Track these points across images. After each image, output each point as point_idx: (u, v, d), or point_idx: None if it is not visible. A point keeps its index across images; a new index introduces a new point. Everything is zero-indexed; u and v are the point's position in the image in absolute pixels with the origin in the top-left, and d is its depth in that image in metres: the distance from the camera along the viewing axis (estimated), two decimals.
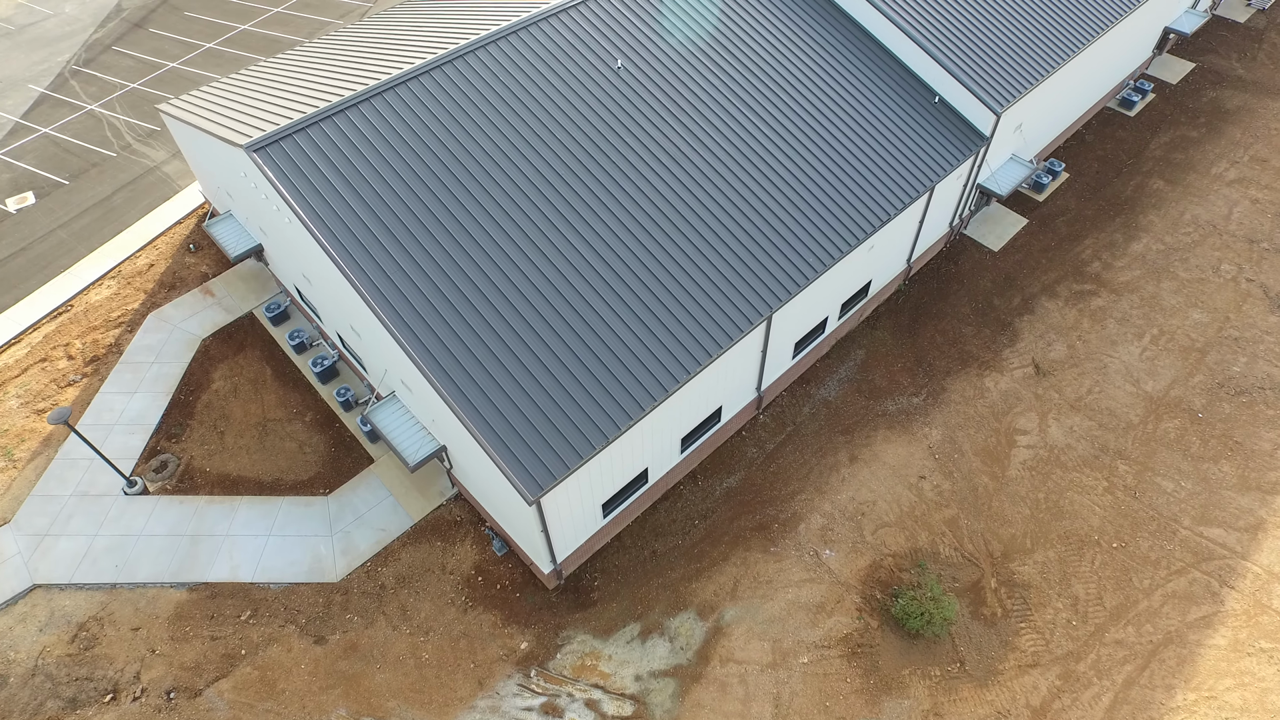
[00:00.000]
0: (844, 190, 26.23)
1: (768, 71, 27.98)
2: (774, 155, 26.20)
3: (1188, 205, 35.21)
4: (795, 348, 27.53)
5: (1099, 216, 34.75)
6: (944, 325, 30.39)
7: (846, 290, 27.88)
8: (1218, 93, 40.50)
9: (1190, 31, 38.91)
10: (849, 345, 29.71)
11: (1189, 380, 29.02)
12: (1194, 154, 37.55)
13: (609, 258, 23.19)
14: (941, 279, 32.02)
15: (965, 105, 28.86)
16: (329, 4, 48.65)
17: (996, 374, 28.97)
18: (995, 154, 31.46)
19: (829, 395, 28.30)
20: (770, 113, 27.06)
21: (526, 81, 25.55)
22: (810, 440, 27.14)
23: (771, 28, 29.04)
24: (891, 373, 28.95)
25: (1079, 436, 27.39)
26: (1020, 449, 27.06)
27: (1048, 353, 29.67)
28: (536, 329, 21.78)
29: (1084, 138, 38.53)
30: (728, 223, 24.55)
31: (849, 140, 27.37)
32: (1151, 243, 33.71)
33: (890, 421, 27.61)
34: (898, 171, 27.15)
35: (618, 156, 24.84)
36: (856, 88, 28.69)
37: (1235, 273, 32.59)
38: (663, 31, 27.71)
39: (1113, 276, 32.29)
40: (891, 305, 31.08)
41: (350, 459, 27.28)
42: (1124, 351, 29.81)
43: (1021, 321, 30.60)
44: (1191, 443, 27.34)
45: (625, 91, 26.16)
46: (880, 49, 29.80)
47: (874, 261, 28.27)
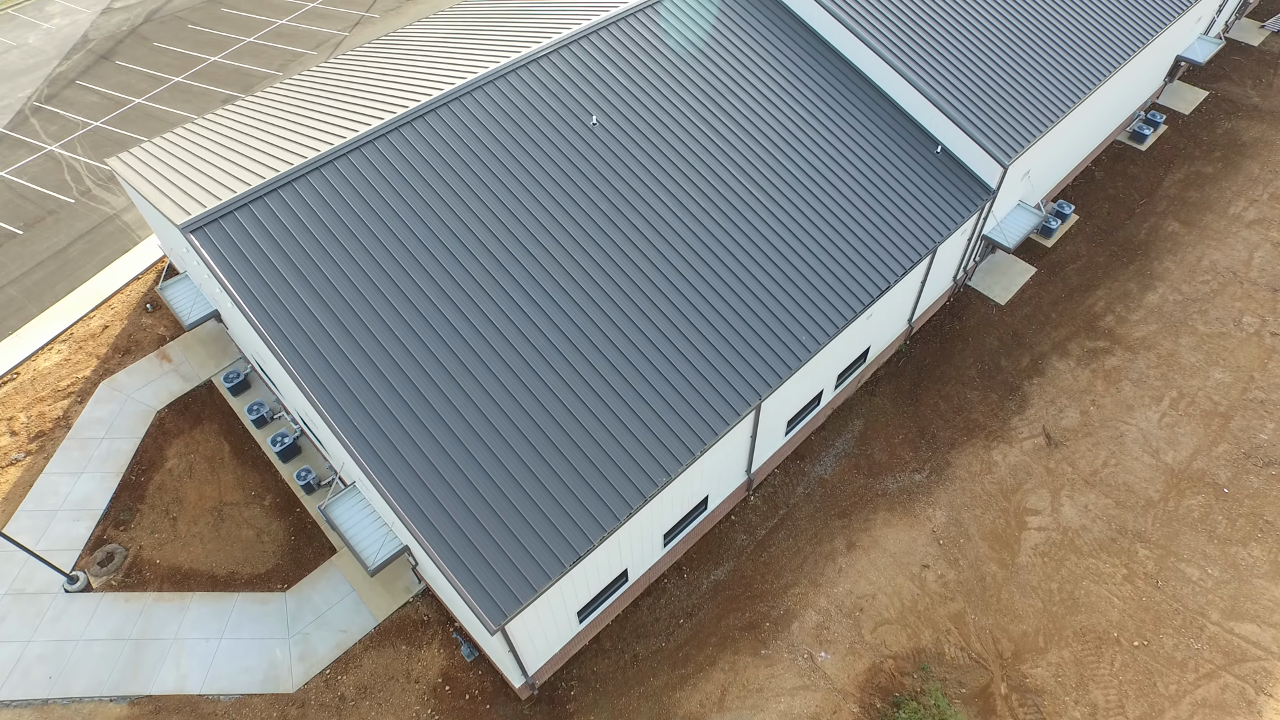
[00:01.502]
0: (840, 256, 24.28)
1: (756, 124, 25.97)
2: (763, 219, 24.25)
3: (1205, 250, 33.26)
4: (788, 425, 25.72)
5: (1111, 264, 32.80)
6: (948, 390, 28.48)
7: (843, 361, 25.94)
8: (1233, 123, 38.48)
9: (1204, 60, 36.92)
10: (846, 415, 27.81)
11: (1212, 450, 27.11)
12: (1210, 192, 35.57)
13: (581, 344, 21.25)
14: (945, 337, 30.08)
15: (970, 156, 26.87)
16: (303, 34, 46.70)
17: (1005, 445, 27.06)
18: (1001, 203, 29.57)
19: (825, 472, 26.39)
20: (759, 171, 25.10)
21: (492, 143, 23.58)
22: (805, 525, 25.25)
23: (760, 74, 27.01)
24: (892, 445, 27.05)
25: (1095, 516, 25.50)
26: (1031, 531, 25.17)
27: (1059, 420, 27.77)
28: (500, 429, 19.86)
29: (1094, 175, 36.54)
30: (713, 299, 22.61)
31: (846, 199, 25.39)
32: (1168, 292, 31.76)
33: (891, 502, 25.72)
34: (897, 232, 25.16)
35: (592, 226, 22.92)
36: (854, 139, 26.66)
37: (1258, 326, 30.64)
38: (643, 83, 25.77)
39: (1127, 332, 30.35)
40: (892, 368, 29.17)
41: (311, 549, 25.41)
42: (1141, 418, 27.90)
43: (1031, 385, 28.68)
44: (1218, 523, 25.44)
45: (601, 151, 24.19)
46: (878, 94, 27.77)
47: (873, 328, 26.41)
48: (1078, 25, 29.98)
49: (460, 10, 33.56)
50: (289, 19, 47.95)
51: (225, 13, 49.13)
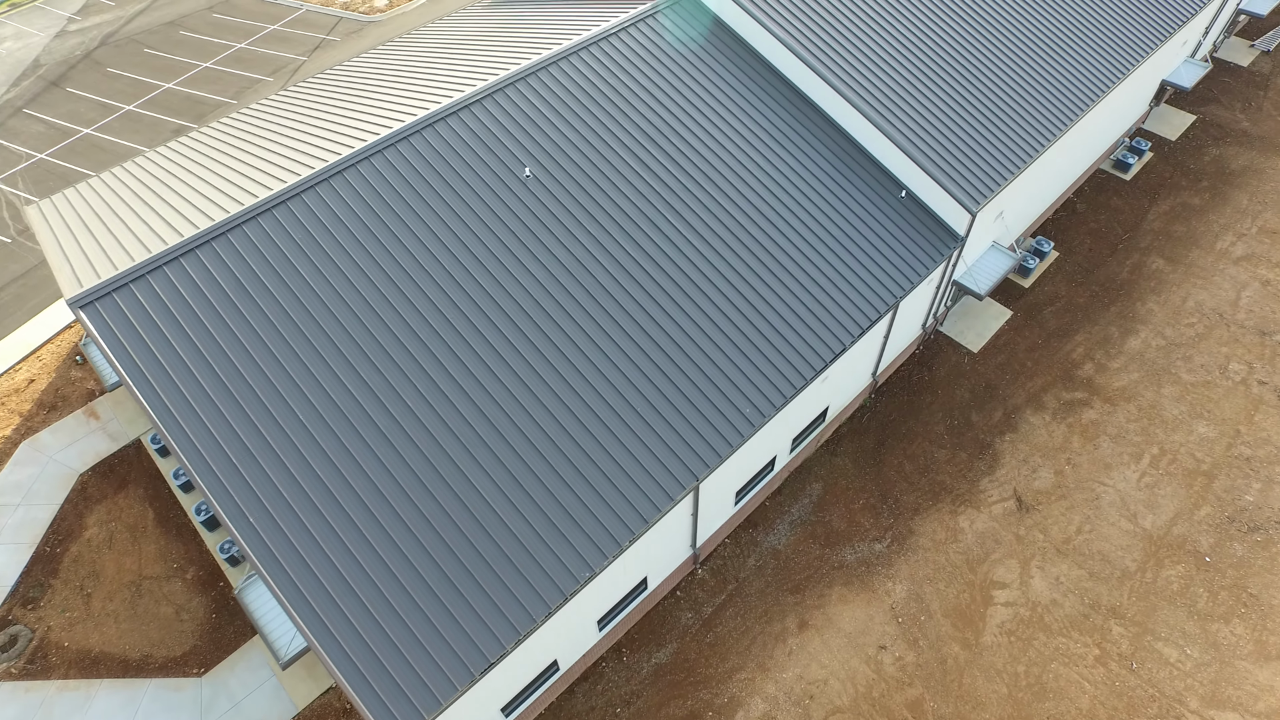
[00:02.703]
0: (791, 317, 22.59)
1: (704, 170, 24.28)
2: (708, 277, 22.60)
3: (1191, 289, 31.56)
4: (736, 495, 24.18)
5: (1092, 305, 31.12)
6: (914, 448, 26.87)
7: (797, 425, 24.43)
8: (1221, 150, 36.73)
9: (1190, 85, 35.18)
10: (804, 477, 26.21)
11: (1194, 514, 25.48)
12: (1196, 225, 33.87)
13: (500, 424, 19.59)
14: (913, 389, 28.47)
15: (936, 201, 25.22)
16: (261, 59, 45.21)
17: (973, 510, 25.46)
18: (974, 246, 27.93)
19: (778, 542, 24.82)
20: (706, 222, 23.50)
21: (415, 199, 21.91)
22: (754, 601, 23.70)
23: (715, 116, 25.21)
24: (851, 511, 25.47)
25: (1066, 590, 23.90)
26: (998, 607, 23.58)
27: (1032, 481, 26.14)
28: (408, 521, 18.24)
29: (1075, 207, 34.84)
30: (649, 370, 20.94)
31: (800, 252, 23.71)
32: (1151, 337, 30.09)
33: (848, 575, 24.14)
34: (855, 288, 23.48)
35: (519, 292, 21.29)
36: (813, 186, 24.95)
37: (1245, 373, 28.97)
38: (584, 129, 24.11)
39: (1107, 381, 28.71)
40: (855, 424, 27.55)
41: (233, 628, 23.89)
42: (1119, 477, 26.26)
43: (1003, 442, 27.05)
44: (1198, 596, 23.83)
45: (534, 206, 22.63)
46: (841, 136, 26.01)
47: (831, 388, 24.83)
48: (1049, 62, 28.24)
49: (412, 39, 32.05)
50: (248, 42, 46.49)
51: (183, 36, 47.68)
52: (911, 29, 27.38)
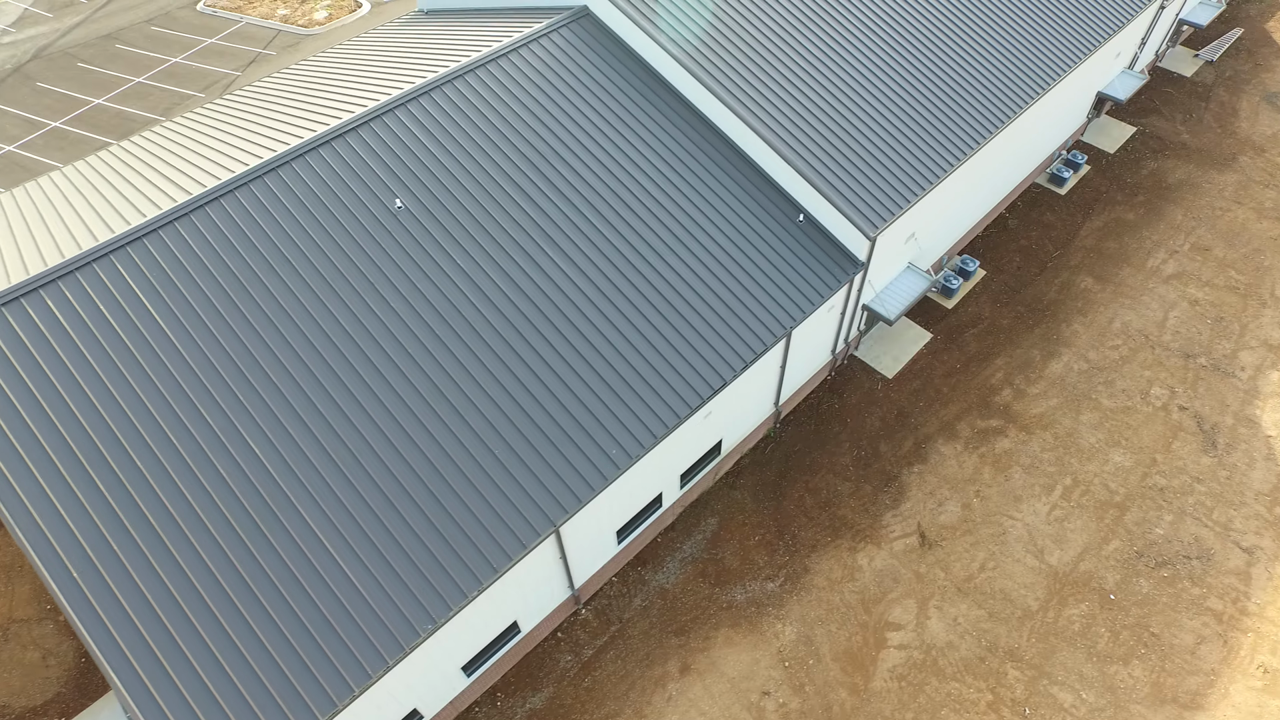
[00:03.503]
0: (670, 350, 21.50)
1: (589, 198, 23.22)
2: (582, 311, 21.53)
3: (1118, 309, 30.58)
4: (619, 534, 23.32)
5: (1016, 327, 30.17)
6: (817, 481, 25.96)
7: (684, 461, 23.58)
8: (1159, 163, 35.71)
9: (1125, 98, 34.19)
10: (700, 511, 25.32)
11: (1103, 549, 24.52)
12: (1129, 242, 32.89)
13: (347, 465, 18.64)
14: (821, 418, 27.53)
15: (836, 226, 24.29)
16: (195, 74, 44.44)
17: (873, 547, 24.54)
18: (883, 269, 26.97)
19: (667, 581, 23.94)
20: (586, 253, 22.49)
21: (278, 233, 21.13)
22: (637, 644, 22.80)
23: (598, 142, 24.16)
24: (746, 548, 24.57)
25: (964, 631, 22.97)
26: (891, 650, 22.67)
27: (938, 516, 25.22)
28: (241, 568, 17.33)
29: (1007, 223, 33.88)
30: (511, 410, 19.93)
31: (686, 279, 22.71)
32: (1074, 360, 29.12)
33: (736, 616, 23.24)
34: (741, 319, 22.41)
35: (377, 326, 20.41)
36: (705, 211, 23.94)
37: (1167, 398, 28.00)
38: (462, 155, 23.22)
39: (1024, 408, 27.76)
40: (757, 456, 26.63)
41: (99, 673, 23.31)
42: (1029, 510, 25.32)
43: (911, 473, 26.11)
44: (1099, 636, 22.89)
45: (403, 239, 21.66)
46: (740, 158, 25.13)
47: (721, 422, 23.94)
48: (960, 82, 27.13)
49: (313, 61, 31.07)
50: (184, 56, 45.75)
51: (119, 50, 46.97)
52: (814, 49, 26.37)
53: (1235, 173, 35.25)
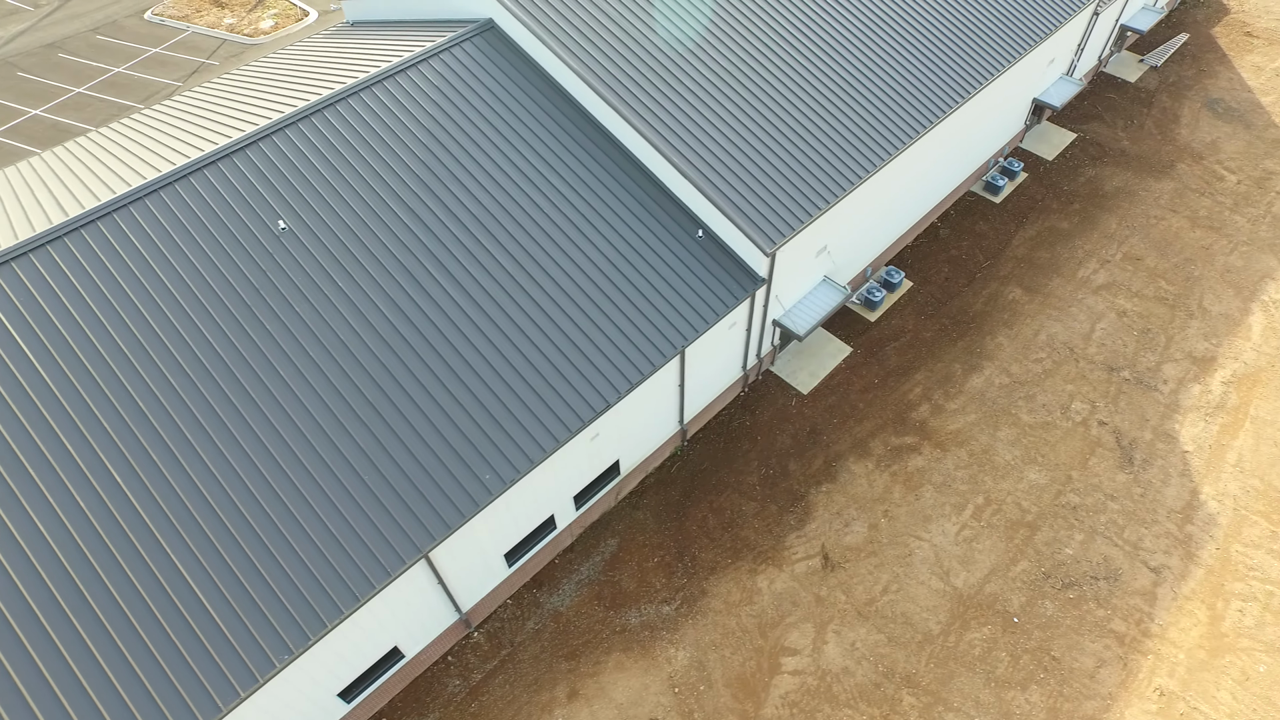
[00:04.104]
0: (553, 372, 21.03)
1: (481, 218, 22.66)
2: (464, 334, 21.04)
3: (1045, 321, 30.04)
4: (509, 557, 22.91)
5: (939, 340, 29.65)
6: (721, 501, 25.51)
7: (575, 483, 23.17)
8: (1097, 170, 35.13)
9: (1060, 104, 33.62)
10: (600, 532, 24.88)
11: (1010, 570, 24.02)
12: (1061, 251, 32.32)
13: (211, 491, 18.33)
14: (731, 436, 27.06)
15: (736, 241, 23.80)
16: (137, 84, 44.08)
17: (774, 569, 24.07)
18: (795, 283, 26.48)
19: (561, 604, 23.52)
20: (472, 273, 21.91)
21: (157, 257, 20.78)
22: (527, 668, 22.39)
23: (494, 160, 23.64)
24: (644, 570, 24.11)
25: (861, 656, 22.51)
26: (784, 676, 22.20)
27: (843, 537, 24.75)
28: (92, 599, 17.22)
29: (938, 233, 33.36)
30: (383, 435, 19.47)
31: (575, 299, 22.18)
32: (995, 374, 28.61)
33: (629, 640, 22.78)
34: (630, 339, 21.88)
35: (252, 352, 19.91)
36: (600, 229, 23.43)
37: (1087, 413, 27.46)
38: (351, 175, 22.66)
39: (941, 424, 27.25)
40: (663, 475, 26.14)
41: None
42: (938, 531, 24.83)
43: (819, 493, 25.64)
44: (999, 660, 22.40)
45: (285, 262, 21.25)
46: (641, 173, 24.55)
47: (616, 441, 23.53)
48: (871, 97, 26.56)
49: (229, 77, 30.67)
50: (127, 66, 45.44)
51: (61, 59, 46.66)
52: (720, 63, 25.74)
53: (1172, 180, 34.67)
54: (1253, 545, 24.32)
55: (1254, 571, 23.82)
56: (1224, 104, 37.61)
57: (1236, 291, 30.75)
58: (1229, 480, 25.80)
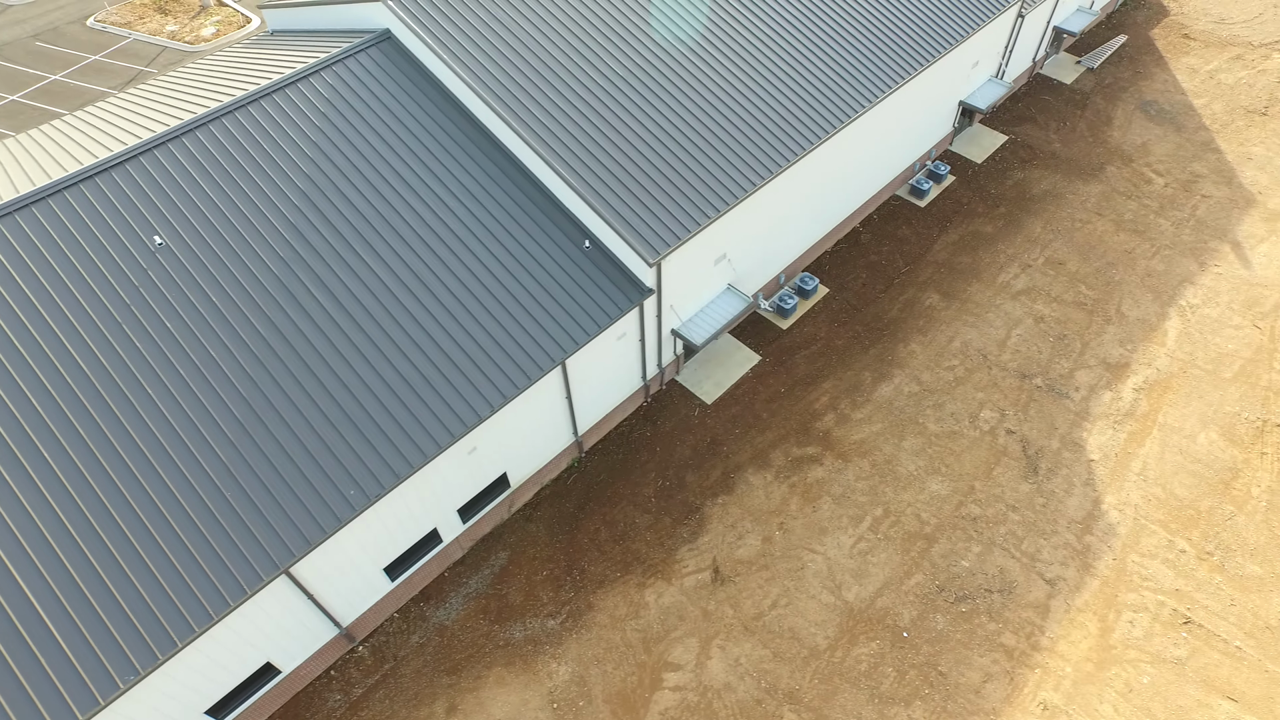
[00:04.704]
0: (425, 387, 20.82)
1: (364, 232, 22.46)
2: (337, 349, 20.83)
3: (960, 328, 29.71)
4: (391, 571, 22.72)
5: (850, 348, 29.35)
6: (615, 513, 25.25)
7: (458, 497, 22.98)
8: (1026, 173, 34.73)
9: (986, 107, 33.26)
10: (492, 544, 24.64)
11: (904, 583, 23.73)
12: (983, 256, 31.97)
13: (61, 503, 18.18)
14: (631, 447, 26.77)
15: (624, 252, 23.59)
16: (72, 92, 43.78)
17: (663, 583, 23.81)
18: (694, 292, 26.12)
19: (447, 618, 23.30)
20: (346, 283, 21.70)
21: (25, 273, 20.44)
22: (408, 683, 22.20)
23: (381, 174, 23.41)
24: (532, 584, 23.89)
25: (745, 671, 22.23)
26: (665, 692, 21.96)
27: (735, 550, 24.46)
28: None
29: (859, 238, 33.06)
30: (247, 449, 19.25)
31: (454, 313, 21.96)
32: (905, 382, 28.30)
33: (512, 654, 22.56)
34: (507, 352, 21.61)
35: (118, 367, 19.69)
36: (485, 242, 23.17)
37: (995, 421, 27.13)
38: (230, 187, 22.41)
39: (845, 434, 26.95)
40: (559, 487, 25.89)
41: None
42: (833, 544, 24.55)
43: (714, 505, 25.38)
44: (885, 676, 22.12)
45: (159, 278, 21.02)
46: (533, 185, 24.25)
47: (498, 455, 23.31)
48: (766, 106, 26.20)
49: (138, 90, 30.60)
50: (64, 74, 45.30)
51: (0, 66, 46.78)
52: (614, 72, 25.42)
53: (1101, 183, 34.27)
54: (1149, 555, 24.03)
55: (1148, 582, 23.53)
56: (1157, 106, 37.19)
57: (1155, 296, 30.40)
58: (1132, 489, 25.48)
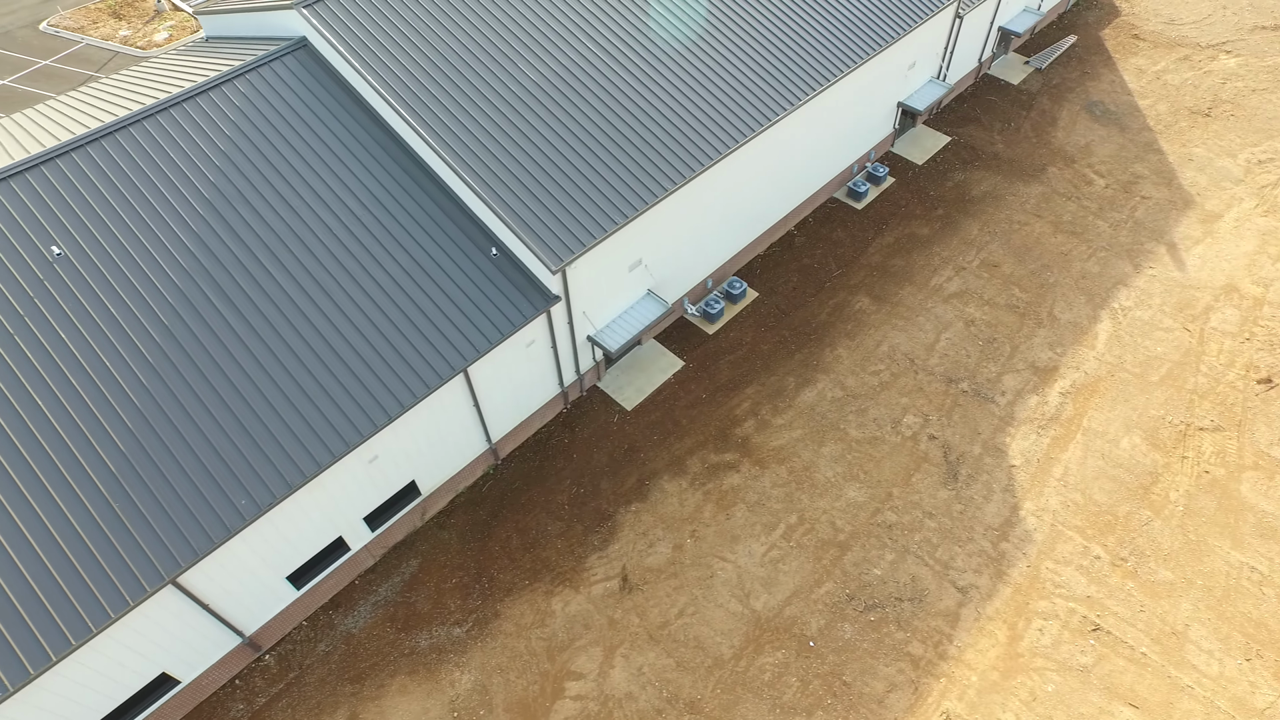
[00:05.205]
0: (323, 397, 20.75)
1: (268, 242, 22.38)
2: (233, 354, 20.78)
3: (889, 331, 29.51)
4: (295, 580, 22.71)
5: (776, 353, 29.18)
6: (528, 521, 25.17)
7: (361, 505, 22.92)
8: (966, 175, 34.48)
9: (924, 108, 32.99)
10: (404, 552, 24.59)
11: (814, 591, 23.60)
12: (917, 258, 31.75)
13: None
14: (548, 454, 26.68)
15: (528, 259, 23.44)
16: (19, 99, 43.38)
17: (570, 591, 23.74)
18: (611, 299, 26.01)
19: (355, 626, 23.26)
20: (247, 291, 21.62)
21: None
22: (311, 692, 22.15)
23: (289, 183, 23.32)
24: (441, 592, 23.83)
25: (647, 681, 22.13)
26: (566, 701, 21.89)
27: (645, 558, 24.35)
28: None
29: (794, 241, 32.88)
30: (135, 455, 19.15)
31: (355, 323, 21.86)
32: (829, 388, 28.13)
33: (416, 663, 22.50)
34: (407, 361, 21.56)
35: (8, 379, 19.97)
36: (391, 251, 23.06)
37: (919, 427, 26.96)
38: (135, 197, 22.29)
39: (765, 440, 26.81)
40: (474, 494, 25.76)
41: None
42: (744, 552, 24.41)
43: (627, 512, 25.25)
44: (788, 686, 21.99)
45: (57, 289, 20.86)
46: (443, 193, 24.13)
47: (399, 464, 23.28)
48: (682, 111, 25.97)
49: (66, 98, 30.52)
50: (12, 79, 45.22)
51: None
52: (527, 80, 25.20)
53: (1041, 184, 34.00)
54: (1063, 562, 23.85)
55: (1060, 589, 23.36)
56: (1102, 106, 36.87)
57: (1089, 299, 30.16)
58: (1051, 495, 25.30)
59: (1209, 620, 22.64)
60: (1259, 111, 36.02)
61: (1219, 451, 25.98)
